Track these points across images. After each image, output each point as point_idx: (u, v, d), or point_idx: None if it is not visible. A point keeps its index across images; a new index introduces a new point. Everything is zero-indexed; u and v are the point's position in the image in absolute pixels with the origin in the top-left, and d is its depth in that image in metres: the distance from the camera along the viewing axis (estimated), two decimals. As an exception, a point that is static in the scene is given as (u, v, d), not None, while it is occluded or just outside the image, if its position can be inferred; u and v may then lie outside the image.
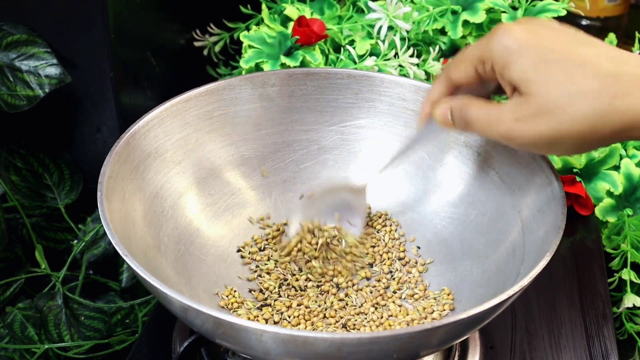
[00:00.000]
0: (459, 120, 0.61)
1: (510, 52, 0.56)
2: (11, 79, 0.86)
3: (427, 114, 0.65)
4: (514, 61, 0.56)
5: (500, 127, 0.57)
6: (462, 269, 0.72)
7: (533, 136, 0.56)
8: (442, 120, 0.63)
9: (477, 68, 0.60)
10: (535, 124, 0.55)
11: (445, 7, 0.94)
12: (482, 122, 0.59)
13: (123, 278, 0.93)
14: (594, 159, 0.87)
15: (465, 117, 0.60)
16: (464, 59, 0.61)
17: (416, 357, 0.59)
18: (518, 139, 0.57)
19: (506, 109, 0.57)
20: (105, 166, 0.64)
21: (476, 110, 0.59)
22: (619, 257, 0.84)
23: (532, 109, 0.55)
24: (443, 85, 0.64)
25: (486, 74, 0.60)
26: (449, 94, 0.64)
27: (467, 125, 0.60)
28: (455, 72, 0.62)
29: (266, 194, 0.78)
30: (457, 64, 0.62)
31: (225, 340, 0.55)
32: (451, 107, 0.62)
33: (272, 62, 0.90)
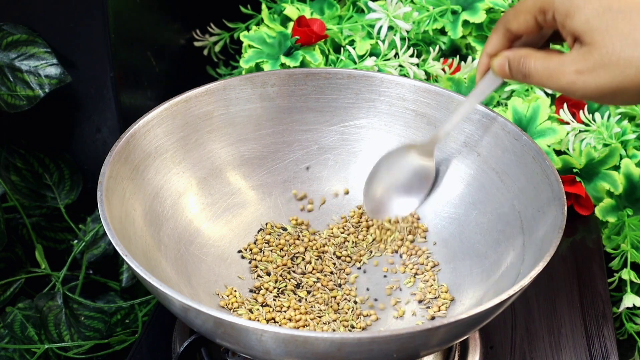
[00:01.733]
0: (517, 72, 0.61)
1: (573, 1, 0.56)
2: (11, 79, 0.86)
3: (485, 66, 0.65)
4: (577, 10, 0.55)
5: (562, 79, 0.57)
6: (462, 269, 0.72)
7: (596, 88, 0.55)
8: (500, 71, 0.63)
9: (537, 18, 0.59)
10: (598, 76, 0.55)
11: (445, 7, 0.95)
12: (542, 74, 0.58)
13: (123, 278, 0.93)
14: (594, 159, 0.87)
15: (524, 69, 0.60)
16: (524, 9, 0.60)
17: (416, 357, 0.59)
18: (580, 90, 0.56)
19: (567, 60, 0.56)
20: (105, 166, 0.64)
21: (535, 61, 0.59)
22: (619, 257, 0.84)
23: (595, 61, 0.55)
24: (500, 36, 0.63)
25: (547, 23, 0.59)
26: (506, 46, 0.63)
27: (527, 77, 0.60)
28: (514, 22, 0.61)
29: (266, 194, 0.78)
30: (516, 14, 0.61)
31: (226, 340, 0.55)
32: (509, 58, 0.62)
33: (272, 62, 0.90)
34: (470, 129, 0.74)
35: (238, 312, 0.69)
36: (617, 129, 0.88)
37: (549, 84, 0.58)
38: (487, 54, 0.65)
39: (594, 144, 0.88)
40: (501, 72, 0.63)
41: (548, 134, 0.86)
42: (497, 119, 0.72)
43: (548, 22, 0.59)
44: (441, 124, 0.74)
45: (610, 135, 0.88)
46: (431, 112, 0.76)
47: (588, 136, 0.88)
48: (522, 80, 0.61)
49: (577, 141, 0.89)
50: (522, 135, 0.70)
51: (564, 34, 0.58)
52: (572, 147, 0.88)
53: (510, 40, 0.63)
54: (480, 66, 0.66)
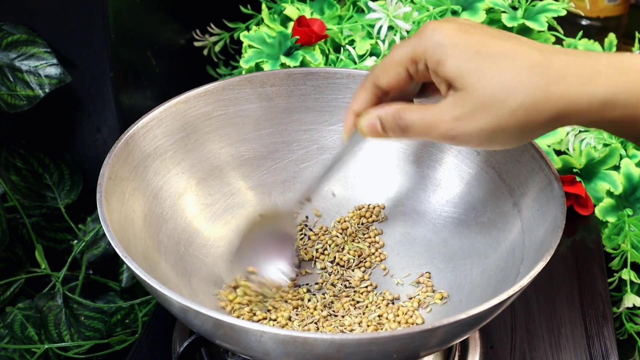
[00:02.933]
0: (394, 127, 0.59)
1: (443, 48, 0.56)
2: (11, 79, 0.86)
3: (351, 127, 0.63)
4: (448, 56, 0.55)
5: (441, 127, 0.56)
6: (462, 268, 0.72)
7: (474, 132, 0.55)
8: (370, 131, 0.61)
9: (408, 69, 0.59)
10: (475, 120, 0.55)
11: (445, 7, 0.94)
12: (421, 125, 0.58)
13: (123, 278, 0.93)
14: (594, 159, 0.87)
15: (402, 123, 0.59)
16: (394, 62, 0.59)
17: (416, 357, 0.59)
18: (460, 137, 0.56)
19: (444, 108, 0.56)
20: (104, 167, 0.64)
21: (411, 114, 0.58)
22: (619, 257, 0.84)
23: (471, 105, 0.55)
24: (368, 93, 0.62)
25: (418, 74, 0.59)
26: (374, 104, 0.62)
27: (405, 131, 0.59)
28: (384, 77, 0.60)
29: (266, 194, 0.78)
30: (386, 68, 0.60)
31: (225, 341, 0.55)
32: (380, 116, 0.60)
33: (272, 62, 0.90)
34: (470, 129, 0.74)
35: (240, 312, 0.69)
36: (617, 129, 0.88)
37: (428, 134, 0.57)
38: (353, 112, 0.63)
39: (594, 144, 0.88)
40: (372, 132, 0.61)
41: (548, 133, 0.86)
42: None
43: (420, 73, 0.58)
44: (300, 192, 0.72)
45: (610, 135, 0.88)
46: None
47: (588, 136, 0.88)
48: (400, 135, 0.60)
49: (577, 141, 0.89)
50: (521, 136, 0.70)
51: (437, 82, 0.58)
52: (572, 147, 0.88)
53: (378, 98, 0.62)
54: (347, 125, 0.64)
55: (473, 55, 0.55)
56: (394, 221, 0.78)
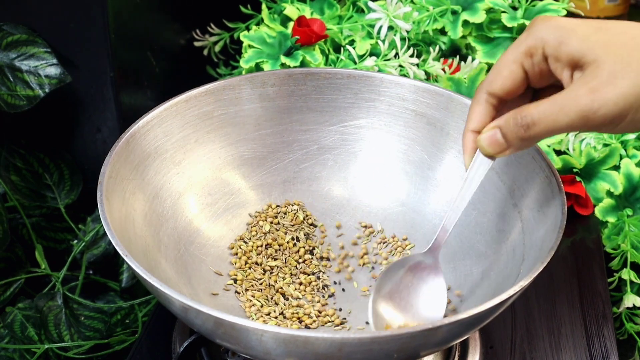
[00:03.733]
0: (517, 131, 0.54)
1: (562, 29, 0.54)
2: (11, 79, 0.86)
3: (472, 149, 0.59)
4: (570, 34, 0.53)
5: (577, 105, 0.51)
6: (462, 268, 0.72)
7: (618, 100, 0.51)
8: (491, 145, 0.56)
9: (523, 65, 0.56)
10: (617, 86, 0.51)
11: (445, 7, 0.94)
12: (551, 112, 0.52)
13: (123, 278, 0.93)
14: (594, 159, 0.87)
15: (526, 121, 0.53)
16: (506, 62, 0.56)
17: (416, 357, 0.59)
18: (602, 109, 0.51)
19: (575, 86, 0.52)
20: (105, 166, 0.64)
21: (536, 107, 0.53)
22: (619, 257, 0.84)
23: (607, 73, 0.51)
24: (483, 106, 0.57)
25: (535, 67, 0.55)
26: (492, 117, 0.58)
27: (529, 128, 0.53)
28: (498, 81, 0.56)
29: (266, 194, 0.78)
30: (498, 70, 0.56)
31: (226, 340, 0.55)
32: (499, 124, 0.56)
33: (272, 62, 0.90)
34: (470, 129, 0.74)
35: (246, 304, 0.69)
36: (617, 129, 0.88)
37: (562, 119, 0.52)
38: (470, 131, 0.58)
39: (594, 144, 0.88)
40: (493, 146, 0.56)
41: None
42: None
43: (536, 65, 0.55)
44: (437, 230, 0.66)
45: (610, 136, 0.88)
46: (431, 112, 0.76)
47: (588, 136, 0.88)
48: (525, 137, 0.54)
49: (577, 141, 0.89)
50: (522, 135, 0.70)
51: (559, 69, 0.54)
52: (572, 147, 0.88)
53: (495, 109, 0.58)
54: (466, 146, 0.59)
55: (596, 30, 0.53)
56: (393, 221, 0.78)
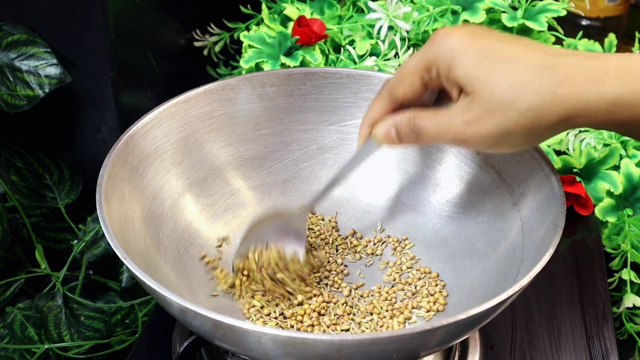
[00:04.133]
0: (409, 134, 0.61)
1: (453, 53, 0.57)
2: (11, 79, 0.86)
3: (366, 136, 0.65)
4: (458, 61, 0.57)
5: (452, 131, 0.58)
6: (462, 268, 0.72)
7: (482, 135, 0.56)
8: (385, 138, 0.63)
9: (422, 77, 0.60)
10: (484, 123, 0.56)
11: (445, 7, 0.94)
12: (433, 130, 0.59)
13: (123, 278, 0.93)
14: (594, 159, 0.87)
15: (417, 128, 0.60)
16: (408, 72, 0.60)
17: (416, 357, 0.59)
18: (470, 140, 0.57)
19: (454, 113, 0.57)
20: (104, 168, 0.64)
21: (425, 119, 0.60)
22: (619, 257, 0.84)
23: (480, 109, 0.56)
24: (384, 104, 0.63)
25: (432, 81, 0.60)
26: (389, 113, 0.63)
27: (418, 137, 0.60)
28: (399, 87, 0.61)
29: (265, 194, 0.78)
30: (401, 78, 0.61)
31: (225, 342, 0.55)
32: (395, 122, 0.62)
33: (272, 62, 0.90)
34: (470, 129, 0.74)
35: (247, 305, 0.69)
36: (617, 129, 0.88)
37: (440, 139, 0.59)
38: (368, 121, 0.64)
39: (594, 144, 0.88)
40: (387, 139, 0.63)
41: (548, 133, 0.86)
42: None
43: (433, 80, 0.59)
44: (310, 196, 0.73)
45: (610, 135, 0.88)
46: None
47: (588, 136, 0.88)
48: (414, 141, 0.61)
49: (577, 141, 0.89)
50: (521, 136, 0.70)
51: (449, 87, 0.59)
52: (572, 147, 0.88)
53: (393, 109, 0.63)
54: (361, 134, 0.66)
55: (482, 59, 0.56)
56: (393, 221, 0.78)
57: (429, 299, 0.70)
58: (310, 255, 0.73)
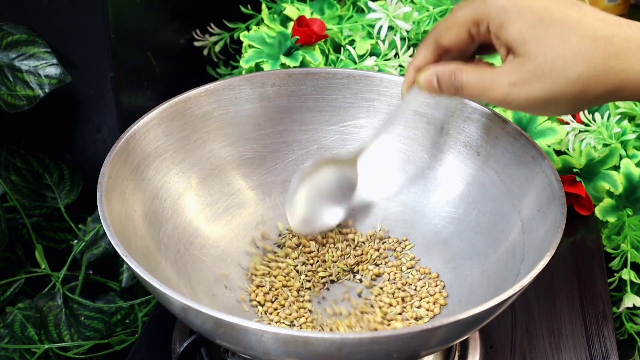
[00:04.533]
0: (449, 86, 0.61)
1: (507, 12, 0.56)
2: (11, 79, 0.86)
3: (411, 82, 0.65)
4: (511, 21, 0.56)
5: (496, 91, 0.57)
6: (462, 268, 0.72)
7: (529, 99, 0.56)
8: (427, 86, 0.63)
9: (470, 30, 0.60)
10: (531, 87, 0.56)
11: (445, 7, 0.95)
12: (476, 86, 0.59)
13: (123, 278, 0.93)
14: (594, 159, 0.87)
15: (457, 82, 0.60)
16: (456, 22, 0.60)
17: (416, 357, 0.59)
18: (514, 102, 0.57)
19: (501, 72, 0.57)
20: (104, 166, 0.64)
21: (468, 75, 0.59)
22: (619, 257, 0.84)
23: (528, 72, 0.56)
24: (429, 50, 0.63)
25: (480, 36, 0.59)
26: (434, 61, 0.63)
27: (459, 90, 0.60)
28: (446, 36, 0.61)
29: (266, 194, 0.78)
30: (449, 27, 0.61)
31: (226, 340, 0.55)
32: (437, 73, 0.62)
33: (272, 62, 0.90)
34: (470, 128, 0.74)
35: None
36: (617, 129, 0.88)
37: (482, 96, 0.59)
38: (414, 68, 0.64)
39: (594, 144, 0.88)
40: (429, 87, 0.63)
41: (548, 134, 0.86)
42: (497, 118, 0.72)
43: (481, 34, 0.59)
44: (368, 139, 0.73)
45: (610, 135, 0.88)
46: (431, 112, 0.76)
47: (588, 136, 0.88)
48: (454, 94, 0.61)
49: (577, 141, 0.89)
50: (522, 135, 0.70)
51: (497, 45, 0.58)
52: (572, 147, 0.88)
53: (439, 55, 0.63)
54: (406, 80, 0.65)
55: (536, 22, 0.55)
56: (393, 221, 0.78)
57: (429, 299, 0.70)
58: None
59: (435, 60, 0.63)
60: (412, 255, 0.75)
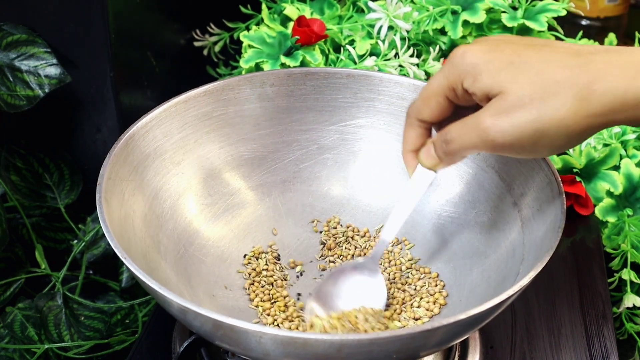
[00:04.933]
0: (442, 145, 0.59)
1: (477, 66, 0.56)
2: (11, 79, 0.86)
3: (414, 164, 0.64)
4: (483, 71, 0.55)
5: (479, 128, 0.55)
6: (462, 268, 0.72)
7: (514, 131, 0.54)
8: (428, 159, 0.62)
9: (448, 97, 0.59)
10: (515, 116, 0.54)
11: (445, 7, 0.94)
12: (461, 132, 0.57)
13: (123, 278, 0.93)
14: (594, 159, 0.87)
15: (446, 138, 0.58)
16: (432, 93, 0.60)
17: (416, 357, 0.59)
18: (499, 135, 0.54)
19: (482, 111, 0.56)
20: (104, 167, 0.64)
21: (453, 127, 0.58)
22: (619, 257, 0.84)
23: (510, 103, 0.54)
24: (415, 129, 0.62)
25: (459, 99, 0.59)
26: (425, 137, 0.63)
27: (449, 145, 0.58)
28: (426, 110, 0.60)
29: (265, 194, 0.78)
30: (426, 100, 0.60)
31: (225, 342, 0.55)
32: (433, 141, 0.61)
33: (272, 62, 0.90)
34: (470, 129, 0.74)
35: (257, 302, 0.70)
36: (617, 129, 0.88)
37: (468, 140, 0.56)
38: (408, 152, 0.63)
39: (594, 144, 0.88)
40: (430, 160, 0.62)
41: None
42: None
43: (460, 97, 0.58)
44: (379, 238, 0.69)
45: (610, 135, 0.88)
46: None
47: (588, 136, 0.88)
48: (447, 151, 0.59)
49: (577, 141, 0.89)
50: (521, 136, 0.70)
51: (477, 99, 0.57)
52: (572, 147, 0.88)
53: (427, 130, 0.62)
54: (408, 163, 0.64)
55: (507, 64, 0.55)
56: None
57: (429, 299, 0.70)
58: None
59: (425, 136, 0.63)
60: (412, 255, 0.75)
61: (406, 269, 0.74)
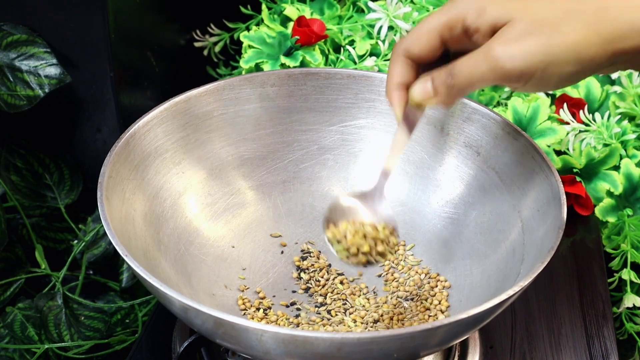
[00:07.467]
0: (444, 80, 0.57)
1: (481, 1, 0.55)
2: (11, 79, 0.86)
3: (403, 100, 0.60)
4: (490, 3, 0.55)
5: (488, 57, 0.54)
6: (462, 269, 0.72)
7: (525, 57, 0.53)
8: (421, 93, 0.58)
9: (442, 36, 0.57)
10: (525, 43, 0.53)
11: (445, 7, 0.94)
12: (469, 64, 0.55)
13: (123, 278, 0.93)
14: (594, 159, 0.87)
15: (452, 72, 0.56)
16: (426, 30, 0.58)
17: (416, 357, 0.59)
18: (508, 62, 0.53)
19: (491, 41, 0.55)
20: (105, 166, 0.64)
21: (459, 61, 0.56)
22: (619, 257, 0.84)
23: (520, 30, 0.53)
24: (402, 65, 0.60)
25: (453, 39, 0.57)
26: (413, 75, 0.60)
27: (455, 77, 0.56)
28: (416, 45, 0.58)
29: (266, 194, 0.78)
30: (418, 37, 0.58)
31: (226, 340, 0.55)
32: (432, 75, 0.58)
33: (272, 62, 0.90)
34: (470, 129, 0.74)
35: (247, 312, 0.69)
36: (617, 129, 0.88)
37: (476, 71, 0.55)
38: (396, 86, 0.60)
39: (594, 144, 0.88)
40: (424, 94, 0.58)
41: (548, 134, 0.86)
42: (496, 119, 0.72)
43: (455, 38, 0.57)
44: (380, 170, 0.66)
45: (610, 135, 0.88)
46: (430, 112, 0.76)
47: (588, 136, 0.88)
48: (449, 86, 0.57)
49: (577, 141, 0.89)
50: (522, 135, 0.70)
51: (480, 38, 0.56)
52: (572, 147, 0.88)
53: (413, 69, 0.60)
54: (395, 99, 0.61)
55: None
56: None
57: (429, 300, 0.70)
58: None
59: (413, 75, 0.60)
60: (412, 255, 0.75)
61: (407, 269, 0.74)
